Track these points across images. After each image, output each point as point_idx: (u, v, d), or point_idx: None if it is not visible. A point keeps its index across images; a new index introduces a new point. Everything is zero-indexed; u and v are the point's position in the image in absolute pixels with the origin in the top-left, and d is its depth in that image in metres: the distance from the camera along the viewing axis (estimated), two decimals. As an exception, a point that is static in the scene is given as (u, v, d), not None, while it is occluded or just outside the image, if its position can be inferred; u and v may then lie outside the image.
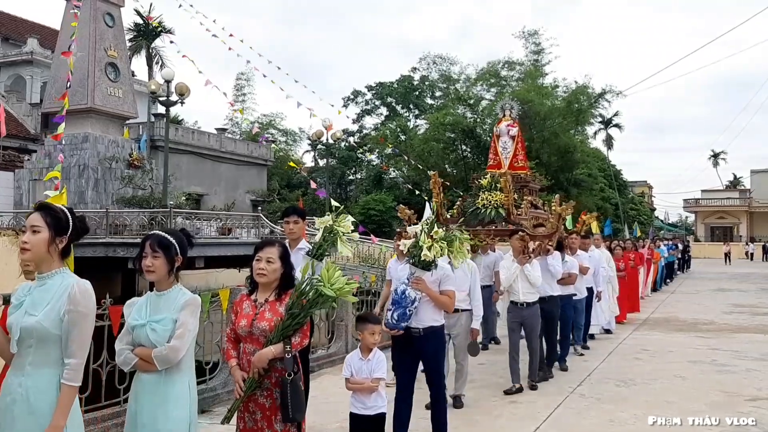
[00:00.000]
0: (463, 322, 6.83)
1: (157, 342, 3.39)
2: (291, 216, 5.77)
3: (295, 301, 3.80)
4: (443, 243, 5.18)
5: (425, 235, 5.18)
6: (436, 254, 5.11)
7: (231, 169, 36.31)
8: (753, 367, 9.09)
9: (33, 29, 38.01)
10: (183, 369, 3.47)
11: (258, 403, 3.80)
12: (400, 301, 5.16)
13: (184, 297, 3.51)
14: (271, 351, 3.70)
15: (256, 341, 3.79)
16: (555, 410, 6.79)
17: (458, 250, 5.31)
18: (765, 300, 18.97)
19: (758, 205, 63.21)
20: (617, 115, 56.91)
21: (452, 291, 5.45)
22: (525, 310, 7.53)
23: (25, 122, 32.82)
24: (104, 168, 24.35)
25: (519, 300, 7.54)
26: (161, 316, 3.44)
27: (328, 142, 28.84)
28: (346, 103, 52.63)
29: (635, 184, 72.50)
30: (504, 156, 9.86)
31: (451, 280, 5.44)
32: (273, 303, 3.86)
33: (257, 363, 3.71)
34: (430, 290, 5.25)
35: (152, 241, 3.51)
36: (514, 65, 43.53)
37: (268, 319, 3.79)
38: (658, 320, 14.24)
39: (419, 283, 5.18)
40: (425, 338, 5.27)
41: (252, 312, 3.87)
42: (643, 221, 52.40)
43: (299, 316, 3.77)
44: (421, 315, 5.26)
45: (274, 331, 3.74)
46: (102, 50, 25.04)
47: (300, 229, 5.74)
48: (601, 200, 45.46)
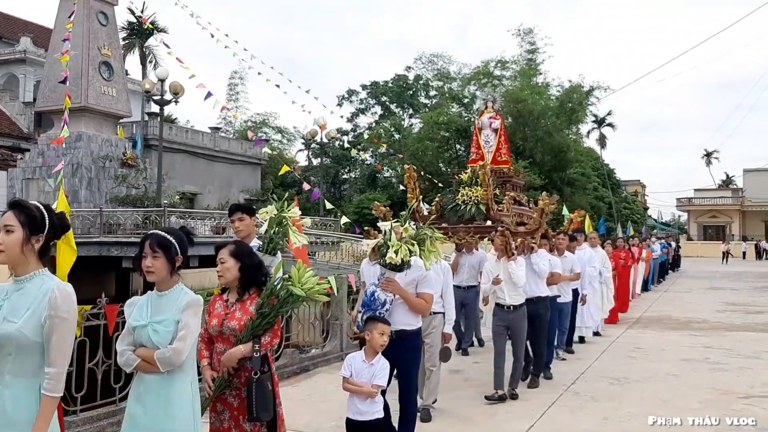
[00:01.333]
0: (435, 326, 6.43)
1: (159, 343, 3.34)
2: (235, 214, 5.46)
3: (265, 300, 3.78)
4: (413, 244, 4.84)
5: (393, 235, 4.88)
6: (404, 256, 4.78)
7: (225, 168, 36.30)
8: (746, 365, 9.15)
9: (26, 28, 37.87)
10: (185, 369, 3.43)
11: (226, 403, 3.80)
12: (370, 304, 4.89)
13: (186, 297, 3.46)
14: (240, 350, 3.70)
15: (226, 341, 3.80)
16: (549, 408, 6.82)
17: (429, 250, 4.95)
18: (757, 298, 19.08)
19: (750, 204, 63.46)
20: (610, 115, 57.30)
21: (430, 294, 5.16)
22: (512, 314, 7.08)
23: (18, 121, 32.69)
24: (98, 167, 24.30)
25: (505, 303, 7.09)
26: (163, 317, 3.40)
27: (322, 141, 28.85)
28: (340, 102, 52.74)
29: (628, 183, 72.72)
30: (486, 150, 9.41)
31: (429, 282, 5.14)
32: (242, 302, 3.86)
33: (226, 362, 3.71)
34: (402, 292, 4.96)
35: (152, 240, 3.45)
36: (507, 65, 43.62)
37: (238, 319, 3.79)
38: (651, 319, 14.30)
39: (390, 285, 4.89)
40: (398, 342, 4.91)
41: (223, 311, 3.88)
42: (637, 220, 52.57)
43: (269, 316, 3.75)
44: (394, 317, 4.94)
45: (244, 331, 3.74)
46: (95, 49, 24.98)
47: (248, 226, 5.40)
48: (594, 199, 45.56)
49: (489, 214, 8.25)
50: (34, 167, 24.85)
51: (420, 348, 5.41)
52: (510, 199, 8.73)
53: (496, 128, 9.45)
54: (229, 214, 5.54)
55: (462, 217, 8.43)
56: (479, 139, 9.51)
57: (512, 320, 7.10)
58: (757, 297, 19.58)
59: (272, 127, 51.90)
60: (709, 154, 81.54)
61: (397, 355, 4.95)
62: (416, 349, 5.24)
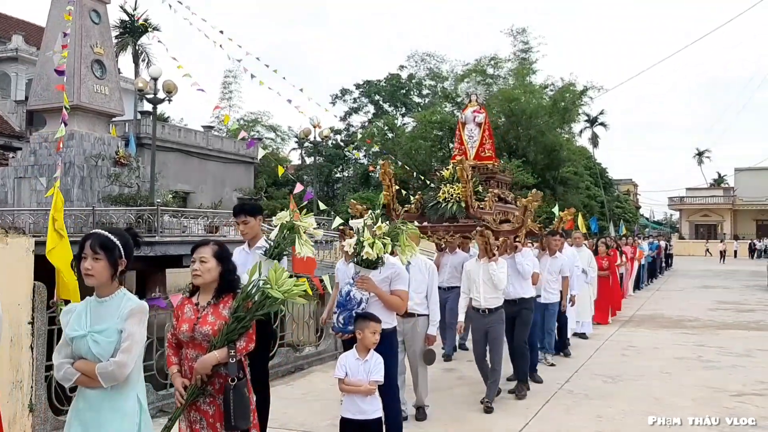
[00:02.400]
0: (419, 328, 6.19)
1: (101, 355, 3.07)
2: (239, 216, 5.31)
3: (240, 303, 3.61)
4: (386, 239, 4.77)
5: (367, 231, 4.78)
6: (379, 251, 4.71)
7: (218, 167, 36.23)
8: (738, 363, 9.22)
9: (18, 26, 37.68)
10: (131, 382, 3.17)
11: (200, 410, 3.63)
12: (345, 304, 4.77)
13: (130, 304, 3.17)
14: (214, 356, 3.53)
15: (198, 346, 3.62)
16: (544, 406, 6.85)
17: (405, 245, 4.89)
18: (749, 297, 19.19)
19: (742, 203, 63.80)
20: (603, 114, 57.43)
21: (404, 291, 5.03)
22: (487, 317, 6.69)
23: (10, 120, 32.55)
24: (90, 166, 24.19)
25: (480, 306, 6.71)
26: (104, 326, 3.12)
27: (315, 140, 28.86)
28: (333, 101, 52.71)
29: (620, 182, 72.95)
30: (470, 145, 8.98)
31: (402, 279, 5.02)
32: (215, 306, 3.67)
33: (200, 369, 3.54)
34: (377, 290, 4.84)
35: (93, 241, 3.17)
36: (500, 63, 43.70)
37: (211, 323, 3.61)
38: (643, 317, 14.37)
39: (365, 283, 4.78)
40: None
41: (194, 316, 3.68)
42: (629, 219, 52.71)
43: (245, 320, 3.58)
44: None
45: (218, 336, 3.56)
46: (88, 47, 24.85)
47: (252, 228, 5.28)
48: (587, 198, 45.72)
49: (469, 212, 7.83)
50: (26, 166, 24.71)
51: (397, 346, 5.26)
52: (493, 197, 8.27)
53: (480, 122, 9.04)
54: (234, 215, 5.38)
55: (443, 215, 8.06)
56: (462, 134, 9.14)
57: (489, 325, 6.71)
58: (748, 295, 19.70)
59: (265, 126, 51.88)
60: (701, 153, 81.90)
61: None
62: (393, 347, 5.09)
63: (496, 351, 6.75)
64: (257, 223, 5.30)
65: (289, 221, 4.84)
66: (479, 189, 8.20)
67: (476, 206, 7.84)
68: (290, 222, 4.85)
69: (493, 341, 6.75)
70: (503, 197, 8.76)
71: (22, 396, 5.06)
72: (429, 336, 6.18)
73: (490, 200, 8.17)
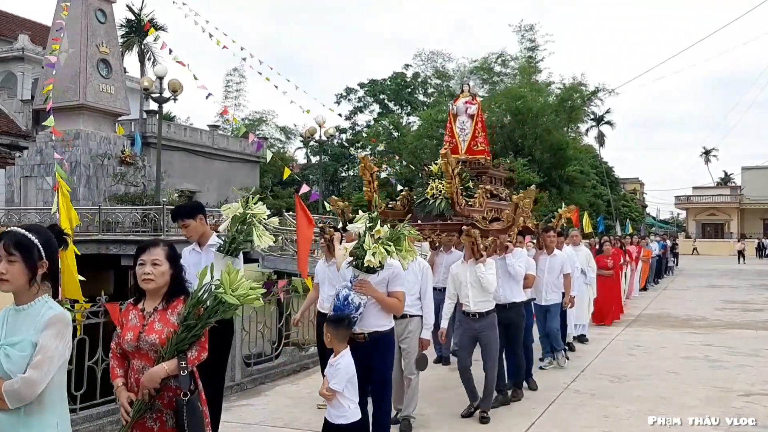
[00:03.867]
0: (412, 330, 5.93)
1: (11, 371, 2.67)
2: (177, 220, 5.05)
3: (190, 310, 3.29)
4: (389, 245, 4.60)
5: (369, 237, 4.59)
6: (382, 259, 4.55)
7: (223, 166, 36.26)
8: (745, 362, 9.16)
9: (24, 25, 37.80)
10: (48, 405, 2.75)
11: (145, 427, 3.28)
12: (344, 308, 4.59)
13: (49, 313, 2.77)
14: (163, 368, 3.20)
15: (145, 357, 3.29)
16: (550, 406, 6.82)
17: (407, 249, 4.75)
18: (756, 296, 19.08)
19: (749, 202, 63.52)
20: (609, 113, 57.27)
21: (401, 292, 4.92)
22: (478, 322, 6.29)
23: (16, 119, 32.66)
24: (96, 165, 24.28)
25: (470, 310, 6.29)
26: (18, 338, 2.72)
27: (321, 139, 28.86)
28: (338, 100, 52.70)
29: (627, 181, 72.74)
30: (461, 138, 8.41)
31: (400, 280, 4.89)
32: (163, 312, 3.35)
33: (147, 383, 3.20)
34: (377, 293, 4.71)
35: (7, 240, 2.77)
36: (508, 61, 43.60)
37: (158, 331, 3.28)
38: (650, 317, 14.30)
39: (364, 287, 4.63)
40: (371, 345, 4.76)
41: (139, 323, 3.34)
42: (635, 218, 52.59)
43: (196, 328, 3.27)
44: (365, 319, 4.73)
45: (167, 345, 3.24)
46: (94, 47, 24.94)
47: (195, 229, 5.01)
48: (593, 197, 45.57)
49: (455, 209, 7.27)
50: (32, 165, 24.81)
51: (393, 348, 5.09)
52: (484, 193, 7.73)
53: (472, 114, 8.48)
54: (173, 219, 5.16)
55: (431, 213, 7.53)
56: (454, 126, 8.57)
57: (480, 330, 6.31)
58: (755, 295, 19.59)
59: (271, 125, 52.05)
60: (708, 152, 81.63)
61: (372, 357, 4.77)
62: (390, 349, 4.98)
63: (490, 357, 6.34)
64: (199, 223, 5.02)
65: (242, 213, 4.59)
66: (470, 185, 7.68)
67: (463, 203, 7.27)
68: (242, 214, 4.59)
69: (486, 347, 6.34)
70: (496, 194, 8.25)
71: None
72: (422, 340, 5.92)
73: (480, 197, 7.65)
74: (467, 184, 7.61)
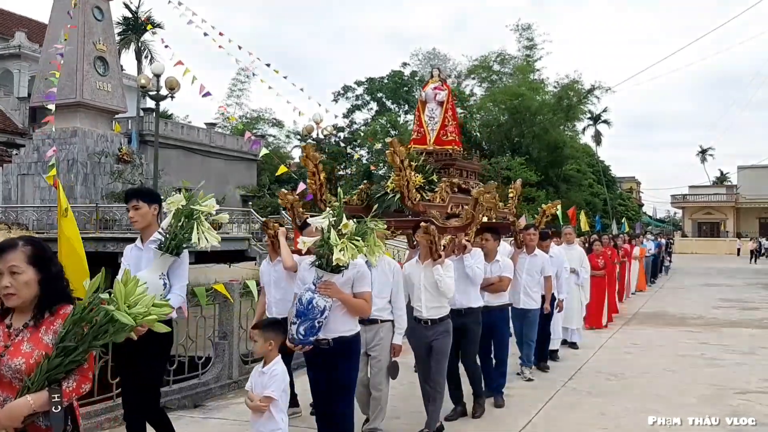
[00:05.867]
0: (383, 336, 5.40)
1: None
2: (131, 200, 4.46)
3: (70, 328, 2.55)
4: (358, 241, 4.19)
5: (335, 233, 4.15)
6: (353, 256, 4.14)
7: (221, 164, 36.24)
8: (741, 360, 9.20)
9: (21, 23, 37.69)
10: None
11: None
12: (307, 313, 4.20)
13: None
14: (27, 404, 2.48)
15: (7, 386, 2.57)
16: (547, 403, 6.84)
17: (374, 245, 4.34)
18: (753, 294, 19.16)
19: (745, 201, 63.67)
20: (606, 111, 57.32)
21: (368, 292, 4.52)
22: (431, 330, 5.66)
23: (13, 117, 32.59)
24: (93, 162, 24.25)
25: (422, 316, 5.68)
26: None
27: (318, 137, 28.86)
28: (336, 98, 52.73)
29: (623, 180, 72.90)
30: (430, 127, 7.68)
31: (366, 280, 4.50)
32: (35, 330, 2.62)
33: (5, 420, 2.49)
34: (343, 295, 4.34)
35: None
36: (506, 60, 43.66)
37: (26, 354, 2.56)
38: (647, 315, 14.34)
39: (329, 289, 4.25)
40: (336, 351, 4.39)
41: (2, 343, 2.62)
42: (631, 217, 52.70)
43: (76, 352, 2.54)
44: (330, 324, 4.35)
45: (35, 373, 2.51)
46: (91, 44, 24.89)
47: (144, 216, 4.44)
48: (590, 195, 45.72)
49: (405, 204, 6.47)
50: (29, 163, 24.76)
51: (358, 354, 4.68)
52: (447, 186, 6.95)
53: (441, 101, 7.74)
54: (125, 199, 4.55)
55: (389, 208, 6.83)
56: (422, 114, 7.84)
57: (432, 338, 5.66)
58: (752, 293, 19.66)
59: (268, 122, 52.12)
60: (704, 151, 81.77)
61: (336, 365, 4.43)
62: (356, 356, 4.60)
63: (437, 367, 5.68)
64: (151, 212, 4.48)
65: (186, 206, 4.13)
66: (434, 178, 6.96)
67: (417, 198, 6.49)
68: (187, 207, 4.13)
69: (436, 354, 5.67)
70: (464, 188, 7.38)
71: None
72: (394, 346, 5.44)
73: (442, 191, 6.88)
74: (430, 177, 6.92)
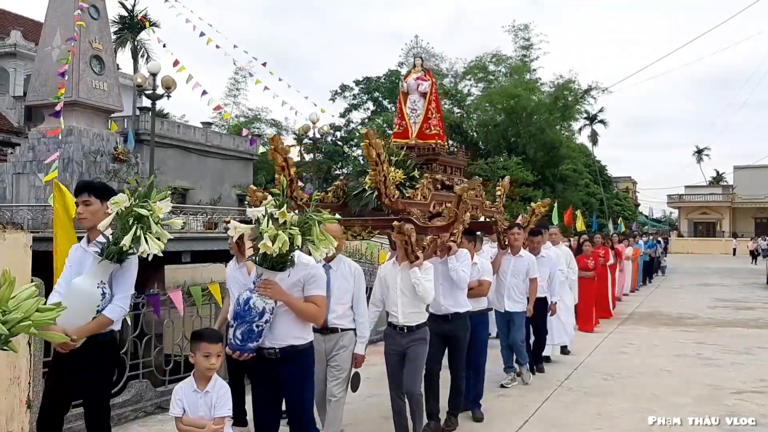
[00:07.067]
0: (345, 346, 4.98)
1: None
2: (81, 194, 3.97)
3: None
4: (294, 230, 3.66)
5: (267, 220, 3.69)
6: (282, 245, 3.60)
7: (217, 164, 36.20)
8: (737, 360, 9.21)
9: (16, 21, 37.58)
10: None
11: None
12: (244, 315, 3.75)
13: None
14: None
15: None
16: (543, 404, 6.84)
17: (319, 239, 3.76)
18: (748, 294, 19.20)
19: (741, 201, 63.82)
20: (602, 111, 57.44)
21: (320, 296, 4.01)
22: (406, 338, 5.25)
23: (8, 115, 32.49)
24: (89, 162, 24.17)
25: (398, 323, 5.27)
26: None
27: (314, 136, 28.87)
28: (333, 97, 52.89)
29: (620, 180, 73.04)
30: (412, 120, 7.17)
31: (318, 282, 4.01)
32: None
33: None
34: (286, 296, 3.84)
35: None
36: (502, 60, 43.70)
37: None
38: (642, 315, 14.36)
39: (269, 289, 3.76)
40: (283, 363, 3.90)
41: None
42: (628, 217, 52.79)
43: None
44: (277, 330, 3.88)
45: None
46: (87, 43, 24.79)
47: (95, 214, 3.93)
48: (586, 195, 45.80)
49: (381, 201, 5.90)
50: (24, 162, 24.66)
51: (311, 366, 4.12)
52: (429, 183, 6.50)
53: (424, 92, 7.21)
54: (75, 193, 4.06)
55: (366, 205, 6.35)
56: (404, 107, 7.32)
57: (407, 346, 5.24)
58: (747, 293, 19.70)
59: (265, 121, 52.16)
60: (700, 151, 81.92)
61: (285, 379, 3.94)
62: (307, 369, 4.05)
63: (412, 378, 5.26)
64: (103, 209, 3.91)
65: (130, 207, 3.66)
66: (415, 174, 6.52)
67: (395, 195, 5.96)
68: (132, 209, 3.66)
69: (411, 362, 5.25)
70: (448, 184, 6.96)
71: (20, 392, 5.03)
72: (356, 356, 5.03)
73: (423, 187, 6.40)
74: (412, 172, 6.50)
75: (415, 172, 6.49)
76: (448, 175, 7.11)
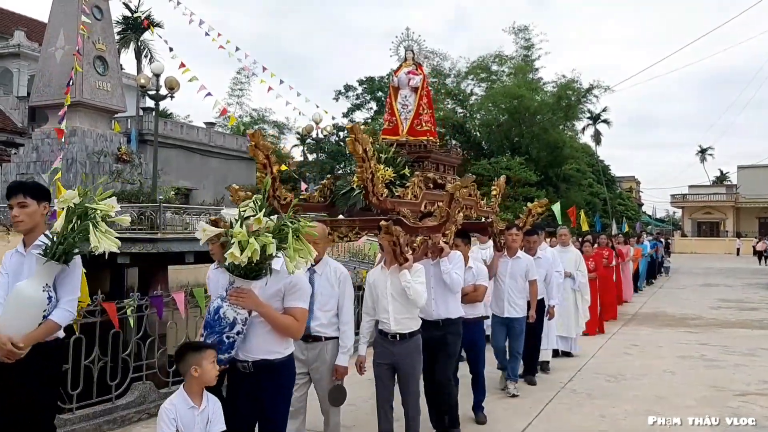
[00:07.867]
0: (327, 356, 4.68)
1: None
2: (15, 196, 3.68)
3: None
4: (268, 237, 3.35)
5: (239, 225, 3.39)
6: (252, 253, 3.29)
7: (220, 164, 36.26)
8: (741, 362, 9.19)
9: (20, 22, 37.67)
10: None
11: None
12: (213, 325, 3.56)
13: None
14: None
15: None
16: (547, 405, 6.83)
17: (294, 248, 3.40)
18: (751, 295, 19.15)
19: (745, 201, 63.73)
20: (605, 111, 57.32)
21: (300, 309, 3.72)
22: (397, 346, 4.97)
23: (12, 116, 32.56)
24: (92, 162, 24.22)
25: (389, 330, 4.97)
26: None
27: (317, 136, 28.89)
28: (336, 97, 52.98)
29: (623, 180, 72.96)
30: (403, 116, 6.84)
31: (300, 294, 3.72)
32: None
33: None
34: (261, 307, 3.57)
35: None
36: (504, 60, 43.64)
37: None
38: (646, 315, 14.33)
39: (242, 298, 3.49)
40: (257, 377, 3.66)
41: None
42: (631, 216, 52.72)
43: None
44: (251, 343, 3.65)
45: None
46: (90, 43, 24.84)
47: (31, 216, 3.70)
48: (589, 195, 45.73)
49: (368, 200, 5.52)
50: (28, 162, 24.72)
51: (290, 382, 3.87)
52: (420, 181, 6.19)
53: (416, 87, 6.87)
54: (7, 195, 3.75)
55: (354, 205, 6.04)
56: (394, 102, 6.96)
57: (398, 356, 4.97)
58: (750, 293, 19.66)
59: (268, 122, 52.23)
60: (704, 151, 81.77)
61: (261, 396, 3.69)
62: (284, 386, 3.80)
63: (410, 390, 5.03)
64: (40, 211, 3.74)
65: (79, 204, 3.52)
66: (406, 172, 6.24)
67: (384, 194, 5.61)
68: (81, 206, 3.51)
69: (405, 378, 5.01)
70: (440, 183, 6.65)
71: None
72: (338, 367, 4.68)
73: (414, 186, 6.08)
74: (402, 170, 6.22)
75: (406, 170, 6.22)
76: (440, 174, 6.81)
